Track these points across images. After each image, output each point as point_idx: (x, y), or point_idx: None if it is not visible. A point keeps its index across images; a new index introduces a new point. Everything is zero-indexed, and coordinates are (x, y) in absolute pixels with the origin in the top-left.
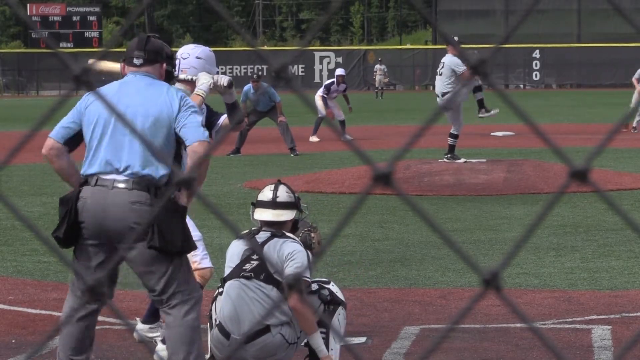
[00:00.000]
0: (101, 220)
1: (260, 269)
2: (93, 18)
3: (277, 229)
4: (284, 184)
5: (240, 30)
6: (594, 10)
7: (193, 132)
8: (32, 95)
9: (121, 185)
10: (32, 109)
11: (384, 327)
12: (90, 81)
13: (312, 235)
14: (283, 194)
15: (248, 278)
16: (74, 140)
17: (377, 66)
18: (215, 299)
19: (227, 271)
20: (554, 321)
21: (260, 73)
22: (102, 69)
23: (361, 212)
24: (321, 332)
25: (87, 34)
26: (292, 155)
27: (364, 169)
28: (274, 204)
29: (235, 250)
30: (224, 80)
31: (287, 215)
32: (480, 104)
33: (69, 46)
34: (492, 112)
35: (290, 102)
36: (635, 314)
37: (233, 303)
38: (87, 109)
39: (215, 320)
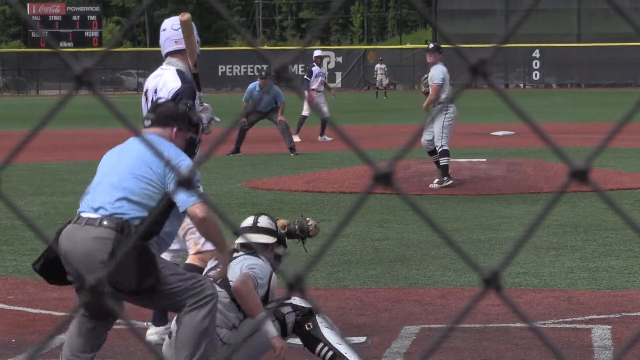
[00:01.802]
0: (71, 255)
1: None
2: (93, 17)
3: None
4: (266, 214)
5: (240, 29)
6: (594, 10)
7: (183, 199)
8: (32, 95)
9: (91, 221)
10: (32, 109)
11: (384, 327)
12: (92, 81)
13: (308, 218)
14: (264, 221)
15: None
16: None
17: (378, 65)
18: None
19: None
20: (554, 321)
21: (268, 70)
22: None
23: (361, 211)
24: (325, 345)
25: (87, 34)
26: (291, 155)
27: (364, 169)
28: (255, 229)
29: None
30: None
31: (266, 239)
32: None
33: (68, 46)
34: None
35: (291, 102)
36: (635, 314)
37: None
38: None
39: None
